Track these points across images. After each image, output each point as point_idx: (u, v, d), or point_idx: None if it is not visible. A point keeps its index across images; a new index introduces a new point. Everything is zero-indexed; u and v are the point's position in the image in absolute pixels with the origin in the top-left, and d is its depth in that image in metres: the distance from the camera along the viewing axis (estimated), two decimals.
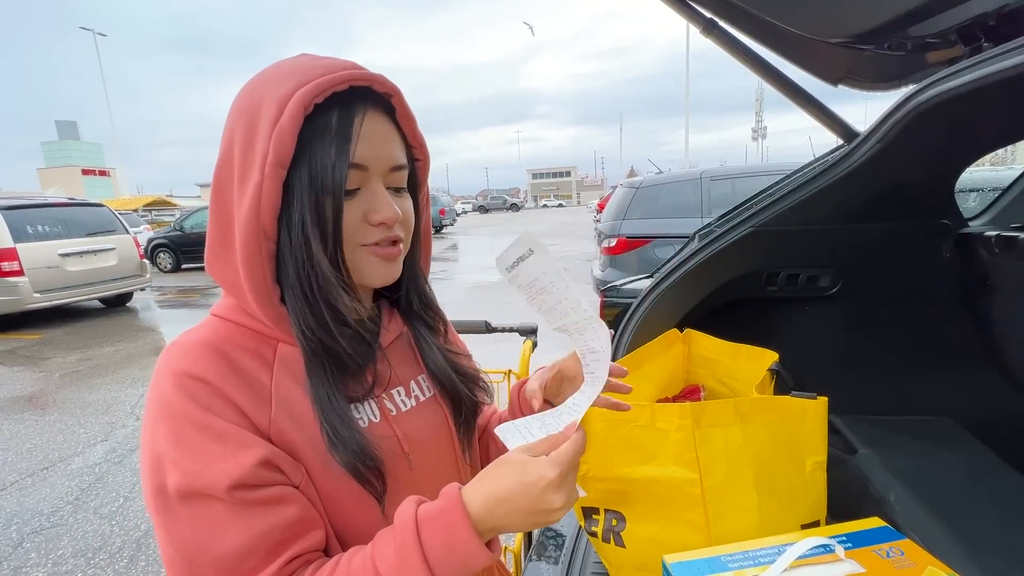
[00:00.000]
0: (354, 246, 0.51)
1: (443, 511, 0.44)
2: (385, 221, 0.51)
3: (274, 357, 0.50)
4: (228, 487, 0.42)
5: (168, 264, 11.88)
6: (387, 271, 0.54)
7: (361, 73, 0.49)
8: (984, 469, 1.08)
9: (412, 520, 0.44)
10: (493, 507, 0.44)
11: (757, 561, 0.66)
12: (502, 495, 0.44)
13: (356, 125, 0.49)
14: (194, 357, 0.47)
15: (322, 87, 0.47)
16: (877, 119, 1.05)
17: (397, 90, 0.53)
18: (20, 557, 2.23)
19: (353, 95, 0.49)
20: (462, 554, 0.43)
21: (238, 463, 0.43)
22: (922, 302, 1.33)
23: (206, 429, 0.44)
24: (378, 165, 0.51)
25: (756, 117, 29.29)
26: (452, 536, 0.43)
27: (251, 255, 0.48)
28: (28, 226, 6.19)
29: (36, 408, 3.92)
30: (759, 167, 5.31)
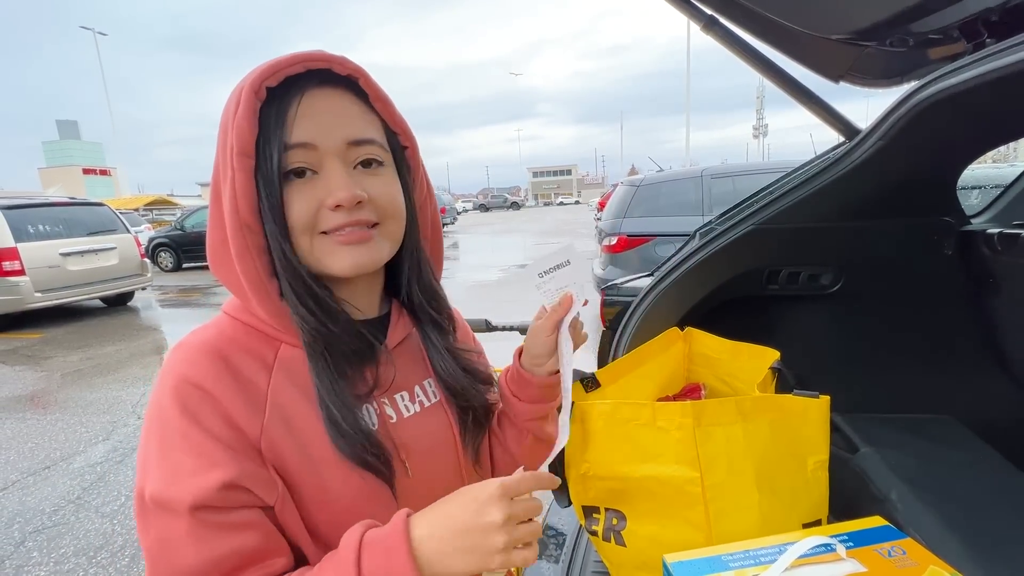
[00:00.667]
0: (314, 234, 0.49)
1: (386, 535, 0.42)
2: (341, 203, 0.48)
3: (275, 359, 0.50)
4: (190, 506, 0.42)
5: (169, 263, 11.89)
6: (354, 259, 0.50)
7: (317, 54, 0.48)
8: (986, 468, 1.07)
9: (356, 542, 0.42)
10: (438, 536, 0.42)
11: (758, 560, 0.66)
12: (444, 520, 0.42)
13: (295, 103, 0.47)
14: (194, 360, 0.47)
15: (272, 69, 0.46)
16: (879, 116, 1.05)
17: (362, 72, 0.50)
18: (22, 556, 2.24)
19: (310, 79, 0.48)
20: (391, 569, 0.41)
21: (205, 482, 0.43)
22: (924, 300, 1.32)
23: (187, 439, 0.44)
24: (328, 141, 0.48)
25: (757, 115, 29.23)
26: (390, 560, 0.41)
27: (240, 251, 0.48)
28: (29, 226, 6.20)
29: (38, 407, 3.93)
30: (760, 165, 5.30)
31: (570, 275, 0.57)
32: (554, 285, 0.58)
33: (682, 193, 4.77)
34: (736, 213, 1.32)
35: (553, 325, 0.60)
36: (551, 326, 0.60)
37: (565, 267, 0.57)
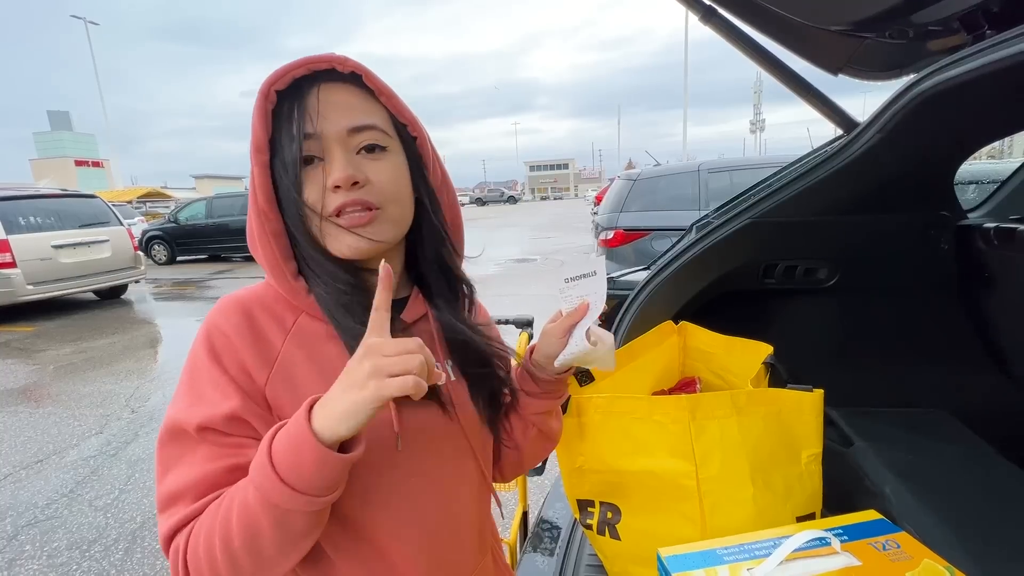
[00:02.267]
0: (322, 217, 0.54)
1: (293, 418, 0.46)
2: (337, 183, 0.52)
3: (292, 325, 0.55)
4: (196, 426, 0.49)
5: (163, 256, 11.81)
6: (352, 241, 0.54)
7: (319, 56, 0.53)
8: (979, 462, 1.08)
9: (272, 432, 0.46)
10: (327, 397, 0.45)
11: (753, 554, 0.65)
12: (336, 384, 0.45)
13: (302, 99, 0.52)
14: (227, 312, 0.55)
15: (279, 75, 0.52)
16: (877, 108, 1.04)
17: (364, 69, 0.55)
18: (15, 549, 2.22)
19: (316, 79, 0.53)
20: (296, 442, 0.44)
21: (216, 410, 0.49)
22: (920, 294, 1.32)
23: (210, 375, 0.51)
24: (330, 129, 0.53)
25: (754, 110, 29.21)
26: (296, 434, 0.44)
27: (260, 234, 0.55)
28: (20, 218, 6.13)
29: (30, 401, 3.90)
30: (757, 159, 5.30)
31: (592, 285, 0.61)
32: (576, 292, 0.61)
33: (679, 187, 4.77)
34: (733, 207, 1.32)
35: (566, 329, 0.63)
36: (564, 330, 0.63)
37: (591, 277, 0.61)
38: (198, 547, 0.46)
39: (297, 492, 0.43)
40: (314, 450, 0.43)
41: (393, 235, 0.57)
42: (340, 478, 0.46)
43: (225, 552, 0.45)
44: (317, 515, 0.47)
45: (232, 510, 0.45)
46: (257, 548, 0.45)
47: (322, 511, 0.47)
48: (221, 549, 0.45)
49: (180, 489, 0.49)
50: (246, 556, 0.45)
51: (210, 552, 0.46)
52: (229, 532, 0.45)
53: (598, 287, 0.61)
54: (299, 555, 0.49)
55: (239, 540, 0.45)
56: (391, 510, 0.56)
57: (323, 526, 0.49)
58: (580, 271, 0.61)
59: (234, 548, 0.45)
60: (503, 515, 0.72)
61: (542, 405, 0.69)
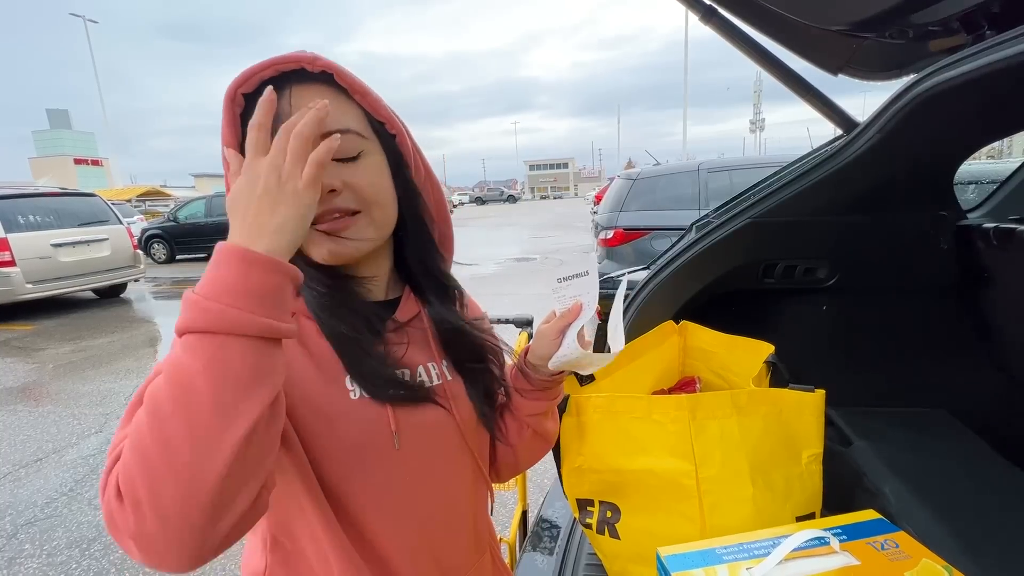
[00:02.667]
0: None
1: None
2: None
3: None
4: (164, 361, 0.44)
5: (163, 255, 11.80)
6: (330, 247, 0.53)
7: (287, 56, 0.51)
8: (978, 461, 1.08)
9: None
10: (250, 221, 0.42)
11: (752, 553, 0.65)
12: (247, 207, 0.42)
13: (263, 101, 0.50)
14: None
15: (244, 77, 0.50)
16: (877, 109, 1.04)
17: (336, 68, 0.52)
18: (14, 548, 2.23)
19: (287, 80, 0.51)
20: (223, 262, 0.40)
21: None
22: (919, 294, 1.32)
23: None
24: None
25: (754, 109, 29.20)
26: (216, 256, 0.41)
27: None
28: (19, 216, 6.13)
29: (29, 399, 3.90)
30: (756, 159, 5.30)
31: (585, 285, 0.60)
32: (569, 292, 0.61)
33: (679, 187, 4.77)
34: (733, 206, 1.32)
35: (559, 330, 0.62)
36: (557, 331, 0.62)
37: (583, 277, 0.60)
38: (127, 454, 0.37)
39: (227, 307, 0.38)
40: (240, 257, 0.39)
41: (375, 238, 0.56)
42: (278, 291, 0.40)
43: (156, 432, 0.36)
44: (258, 352, 0.39)
45: (159, 385, 0.38)
46: (190, 404, 0.37)
47: (265, 351, 0.40)
48: (149, 426, 0.37)
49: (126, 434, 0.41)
50: (178, 421, 0.36)
51: (140, 446, 0.37)
52: (157, 402, 0.37)
53: (590, 287, 0.61)
54: (243, 426, 0.37)
55: (168, 399, 0.37)
56: (387, 509, 0.56)
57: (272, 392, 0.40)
58: (572, 271, 0.61)
59: (163, 414, 0.37)
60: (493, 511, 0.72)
61: (537, 406, 0.69)
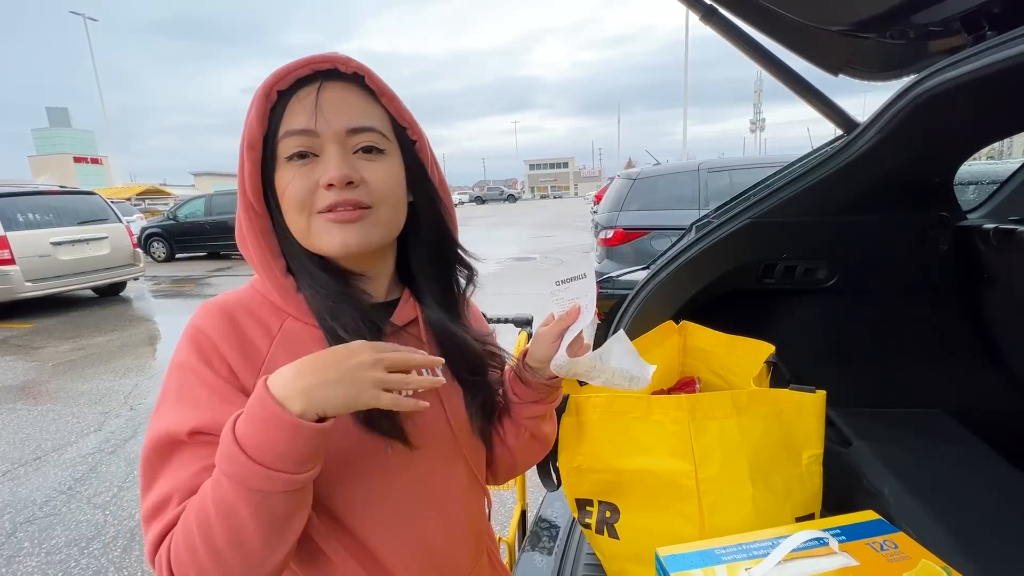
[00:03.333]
0: (309, 213, 0.53)
1: (252, 399, 0.44)
2: (331, 181, 0.51)
3: (279, 330, 0.55)
4: (190, 430, 0.47)
5: (162, 253, 11.79)
6: (343, 237, 0.53)
7: (322, 56, 0.53)
8: (977, 462, 1.08)
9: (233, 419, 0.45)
10: (306, 372, 0.44)
11: (751, 554, 0.65)
12: (311, 361, 0.45)
13: (298, 96, 0.52)
14: (211, 315, 0.54)
15: (281, 74, 0.51)
16: (878, 109, 1.04)
17: (367, 70, 0.54)
18: (13, 546, 2.22)
19: (318, 78, 0.53)
20: (260, 413, 0.42)
21: (212, 412, 0.48)
22: (919, 295, 1.32)
23: (203, 378, 0.50)
24: (329, 128, 0.52)
25: (755, 109, 29.19)
26: (260, 411, 0.43)
27: (248, 230, 0.54)
28: (19, 214, 6.12)
29: (29, 398, 3.90)
30: (757, 159, 5.30)
31: (584, 288, 0.60)
32: (568, 295, 0.60)
33: (679, 187, 4.77)
34: (733, 207, 1.32)
35: (558, 334, 0.62)
36: (556, 334, 0.62)
37: (581, 280, 0.60)
38: (180, 551, 0.44)
39: (273, 471, 0.42)
40: (287, 423, 0.42)
41: (381, 237, 0.56)
42: (316, 450, 0.44)
43: (209, 551, 0.43)
44: (297, 495, 0.45)
45: (208, 507, 0.43)
46: (241, 541, 0.43)
47: (303, 491, 0.45)
48: (205, 551, 0.43)
49: (167, 494, 0.47)
50: (232, 552, 0.43)
51: (193, 554, 0.44)
52: (209, 529, 0.43)
53: (588, 290, 0.60)
54: (287, 546, 0.46)
55: (221, 536, 0.43)
56: (384, 515, 0.56)
57: (307, 510, 0.47)
58: (570, 273, 0.61)
59: (217, 544, 0.43)
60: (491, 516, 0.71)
61: (535, 409, 0.68)
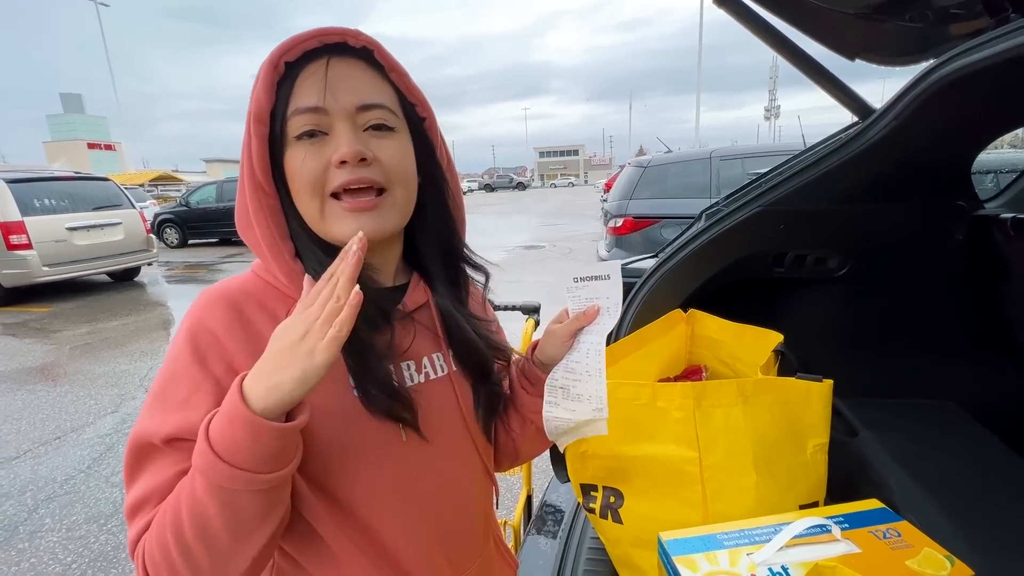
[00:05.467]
0: (324, 196, 0.51)
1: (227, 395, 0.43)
2: (343, 158, 0.49)
3: (286, 315, 0.52)
4: (165, 437, 0.46)
5: (175, 239, 11.93)
6: (358, 225, 0.51)
7: (331, 28, 0.51)
8: (986, 454, 1.07)
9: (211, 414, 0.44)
10: (259, 371, 0.43)
11: (753, 539, 0.66)
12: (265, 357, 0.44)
13: (307, 71, 0.50)
14: (212, 306, 0.51)
15: (290, 45, 0.49)
16: (895, 95, 1.02)
17: (376, 44, 0.52)
18: (35, 522, 2.30)
19: (326, 52, 0.51)
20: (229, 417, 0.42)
21: (188, 417, 0.46)
22: (932, 285, 1.30)
23: (191, 377, 0.48)
24: (338, 105, 0.50)
25: (770, 95, 28.63)
26: (228, 408, 0.42)
27: (256, 210, 0.52)
28: (35, 199, 6.21)
29: (48, 379, 4.00)
30: (771, 147, 5.21)
31: (605, 289, 0.56)
32: (585, 294, 0.57)
33: (690, 175, 4.71)
34: (743, 194, 1.30)
35: (570, 334, 0.59)
36: (568, 334, 0.59)
37: (603, 280, 0.56)
38: (153, 549, 0.44)
39: (237, 469, 0.41)
40: (246, 421, 0.41)
41: (396, 223, 0.55)
42: (281, 450, 0.43)
43: (179, 547, 0.43)
44: (267, 495, 0.44)
45: (180, 501, 0.43)
46: (209, 537, 0.43)
47: (273, 491, 0.44)
48: (174, 544, 0.43)
49: (146, 495, 0.46)
50: (200, 547, 0.43)
51: (164, 549, 0.43)
52: (180, 524, 0.43)
53: (611, 292, 0.56)
54: (256, 545, 0.45)
55: (190, 531, 0.42)
56: (401, 506, 0.55)
57: (282, 511, 0.46)
58: (592, 272, 0.57)
59: (187, 541, 0.43)
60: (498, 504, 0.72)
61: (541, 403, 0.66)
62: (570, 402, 0.57)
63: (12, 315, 5.96)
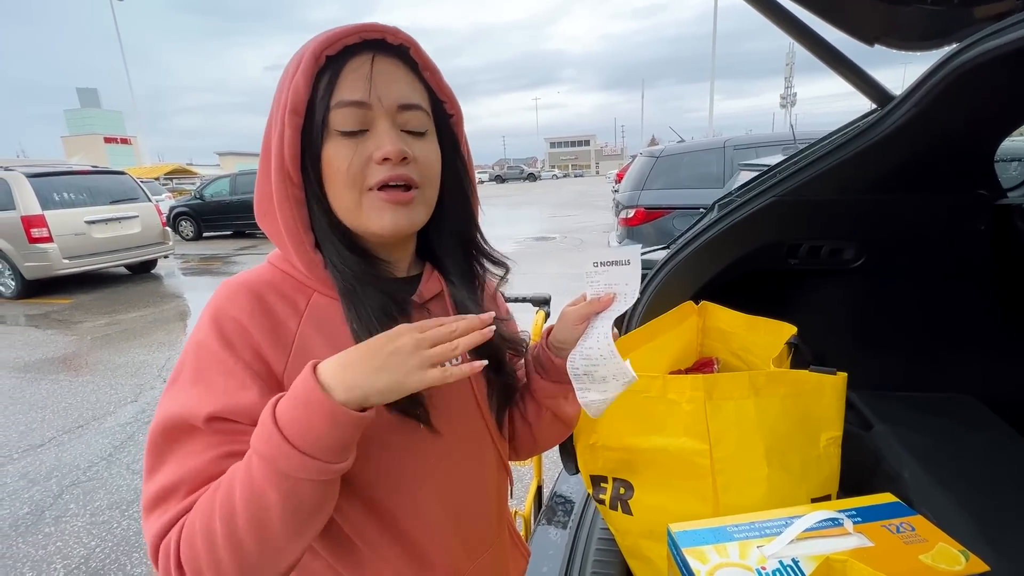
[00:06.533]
0: (360, 190, 0.52)
1: (296, 382, 0.44)
2: (387, 155, 0.50)
3: (306, 306, 0.53)
4: (207, 416, 0.46)
5: (190, 232, 12.09)
6: (395, 219, 0.53)
7: (372, 25, 0.51)
8: (1004, 448, 1.05)
9: (274, 400, 0.44)
10: (348, 362, 0.43)
11: (763, 532, 0.66)
12: (355, 351, 0.44)
13: (354, 66, 0.51)
14: (234, 295, 0.52)
15: (332, 39, 0.50)
16: (915, 81, 0.99)
17: (413, 42, 0.53)
18: (60, 507, 2.37)
19: (364, 47, 0.51)
20: (303, 398, 0.42)
21: (230, 398, 0.47)
22: (952, 276, 1.28)
23: (222, 363, 0.48)
24: (381, 102, 0.51)
25: (786, 83, 28.02)
26: (304, 395, 0.42)
27: (281, 200, 0.52)
28: (55, 193, 6.33)
29: (70, 370, 4.10)
30: (786, 135, 5.11)
31: (623, 276, 0.56)
32: (604, 279, 0.57)
33: (703, 165, 4.65)
34: (757, 184, 1.28)
35: (582, 317, 0.59)
36: (580, 317, 0.59)
37: (623, 266, 0.56)
38: (194, 538, 0.42)
39: (308, 456, 0.41)
40: (328, 409, 0.41)
41: (423, 219, 0.57)
42: (352, 439, 0.44)
43: (228, 536, 0.42)
44: (326, 487, 0.44)
45: (234, 488, 0.42)
46: (263, 527, 0.42)
47: (332, 483, 0.45)
48: (223, 534, 0.42)
49: (173, 483, 0.45)
50: (251, 537, 0.42)
51: (210, 539, 0.42)
52: (232, 512, 0.41)
53: (630, 279, 0.56)
54: (307, 540, 0.45)
55: (244, 519, 0.41)
56: (424, 498, 0.56)
57: (331, 509, 0.47)
58: (612, 257, 0.57)
59: (238, 530, 0.41)
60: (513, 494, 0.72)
61: (556, 388, 0.67)
62: (598, 384, 0.57)
63: (35, 307, 6.12)
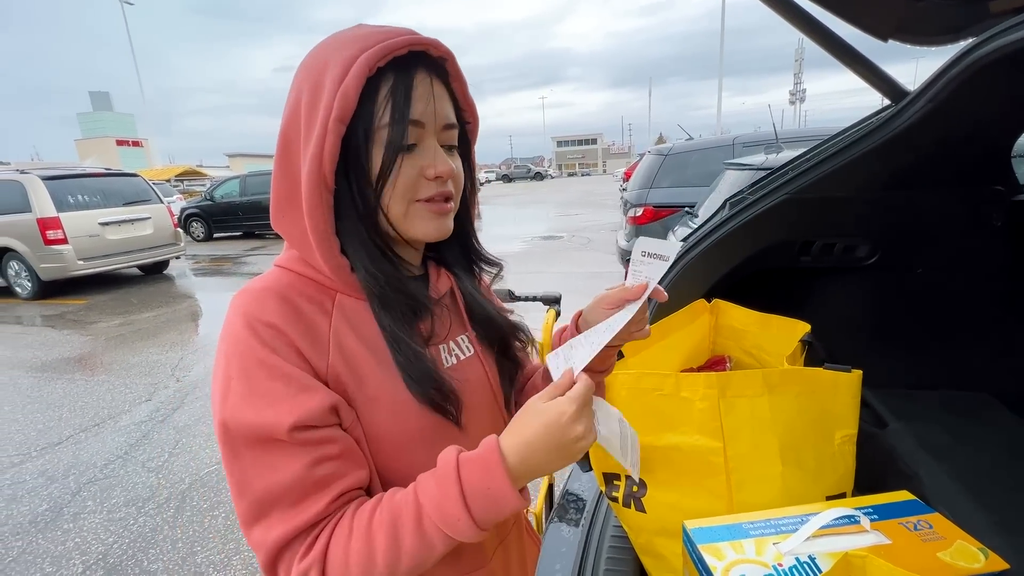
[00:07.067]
0: (409, 200, 0.54)
1: (482, 455, 0.48)
2: (441, 175, 0.54)
3: (333, 305, 0.54)
4: (290, 427, 0.46)
5: (201, 233, 12.22)
6: (440, 226, 0.57)
7: (419, 38, 0.53)
8: (1021, 447, 1.04)
9: (454, 460, 0.48)
10: (525, 453, 0.47)
11: (779, 529, 0.66)
12: (530, 439, 0.47)
13: (415, 84, 0.52)
14: (262, 301, 0.51)
15: (385, 51, 0.50)
16: (930, 76, 0.98)
17: (451, 54, 0.56)
18: (78, 504, 2.42)
19: (410, 59, 0.53)
20: (496, 495, 0.46)
21: (300, 404, 0.47)
22: (967, 273, 1.26)
23: (274, 369, 0.48)
24: (432, 121, 0.54)
25: (795, 79, 27.74)
26: (489, 476, 0.46)
27: (314, 205, 0.51)
28: (69, 196, 6.44)
29: (86, 369, 4.17)
30: (796, 132, 5.07)
31: (658, 270, 0.59)
32: (646, 271, 0.60)
33: (712, 163, 4.62)
34: (769, 182, 1.27)
35: (618, 301, 0.60)
36: (616, 301, 0.60)
37: (663, 261, 0.59)
38: (348, 566, 0.46)
39: (480, 530, 0.47)
40: (512, 504, 0.47)
41: (452, 225, 0.60)
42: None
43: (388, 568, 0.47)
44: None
45: (402, 538, 0.47)
46: (420, 568, 0.48)
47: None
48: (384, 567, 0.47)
49: (270, 498, 0.47)
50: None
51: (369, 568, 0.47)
52: (397, 558, 0.47)
53: (659, 273, 0.58)
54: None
55: (407, 565, 0.47)
56: None
57: None
58: (658, 250, 0.58)
59: (398, 571, 0.47)
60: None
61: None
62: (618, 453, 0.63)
63: (51, 307, 6.22)
